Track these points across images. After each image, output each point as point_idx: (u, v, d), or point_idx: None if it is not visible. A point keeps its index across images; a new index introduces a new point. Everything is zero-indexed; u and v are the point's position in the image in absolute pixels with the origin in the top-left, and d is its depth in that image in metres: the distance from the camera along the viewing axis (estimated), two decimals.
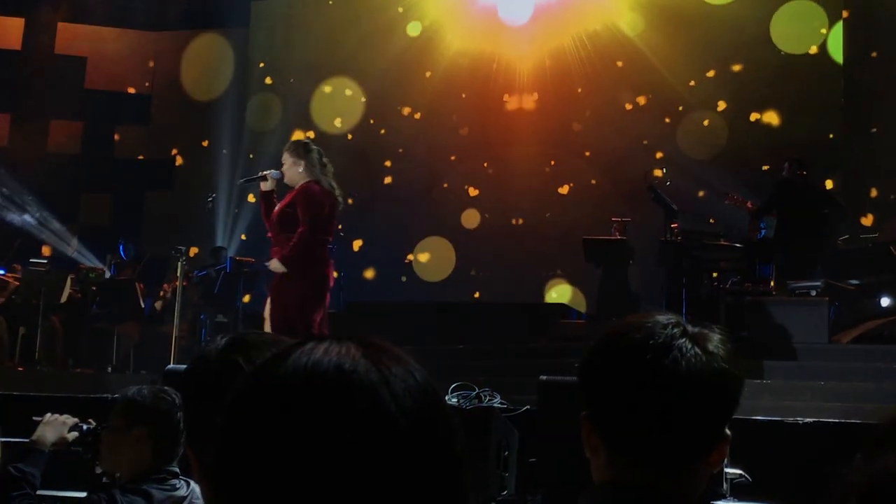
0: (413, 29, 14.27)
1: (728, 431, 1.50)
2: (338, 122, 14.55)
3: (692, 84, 13.20)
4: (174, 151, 15.44)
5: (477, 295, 13.52)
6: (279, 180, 7.14)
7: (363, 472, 0.85)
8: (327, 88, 14.58)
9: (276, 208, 7.07)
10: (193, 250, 7.52)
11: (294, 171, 7.04)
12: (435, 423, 0.90)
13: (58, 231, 14.51)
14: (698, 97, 13.20)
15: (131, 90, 15.90)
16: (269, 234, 7.22)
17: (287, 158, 7.10)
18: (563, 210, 13.36)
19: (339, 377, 0.88)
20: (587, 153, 13.58)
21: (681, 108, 13.32)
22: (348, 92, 14.44)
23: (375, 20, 14.36)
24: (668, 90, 13.25)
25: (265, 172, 7.16)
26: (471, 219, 13.90)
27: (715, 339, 1.51)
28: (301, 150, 7.09)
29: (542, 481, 5.07)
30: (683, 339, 1.48)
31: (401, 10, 14.28)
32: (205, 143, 15.00)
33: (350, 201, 13.88)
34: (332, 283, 7.26)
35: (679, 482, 1.49)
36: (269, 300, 7.07)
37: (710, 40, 13.16)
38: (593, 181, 13.44)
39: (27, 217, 14.39)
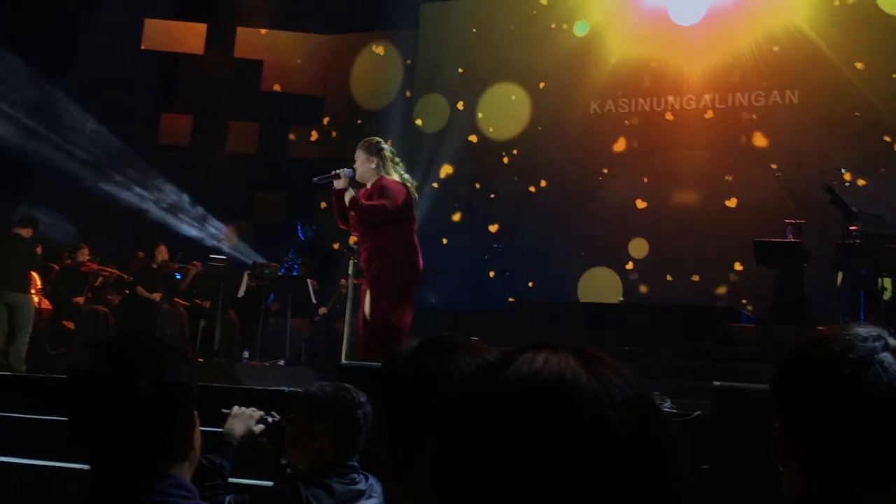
0: (579, 29, 14.10)
1: None
2: (502, 128, 14.44)
3: (877, 86, 12.47)
4: (341, 151, 15.78)
5: (644, 289, 13.25)
6: (351, 178, 7.32)
7: (585, 483, 0.85)
8: (493, 92, 14.53)
9: (368, 206, 7.20)
10: (353, 238, 7.76)
11: (367, 168, 7.25)
12: (655, 435, 0.90)
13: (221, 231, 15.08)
14: (882, 99, 12.45)
15: (304, 91, 16.36)
16: (355, 234, 7.42)
17: (360, 155, 7.32)
18: (733, 212, 12.92)
19: (560, 387, 0.89)
20: (760, 157, 13.05)
21: (858, 113, 12.58)
22: (513, 97, 14.34)
23: (541, 21, 14.29)
24: (849, 91, 12.59)
25: (338, 171, 7.34)
26: (639, 248, 13.34)
27: None
28: (373, 147, 7.30)
29: (715, 488, 4.95)
30: (885, 353, 1.42)
31: (565, 26, 14.14)
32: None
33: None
34: (421, 275, 7.42)
35: (880, 500, 1.43)
36: (367, 293, 7.22)
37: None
38: (766, 184, 12.89)
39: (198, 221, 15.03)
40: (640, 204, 13.43)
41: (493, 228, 13.82)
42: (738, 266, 12.51)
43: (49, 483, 5.92)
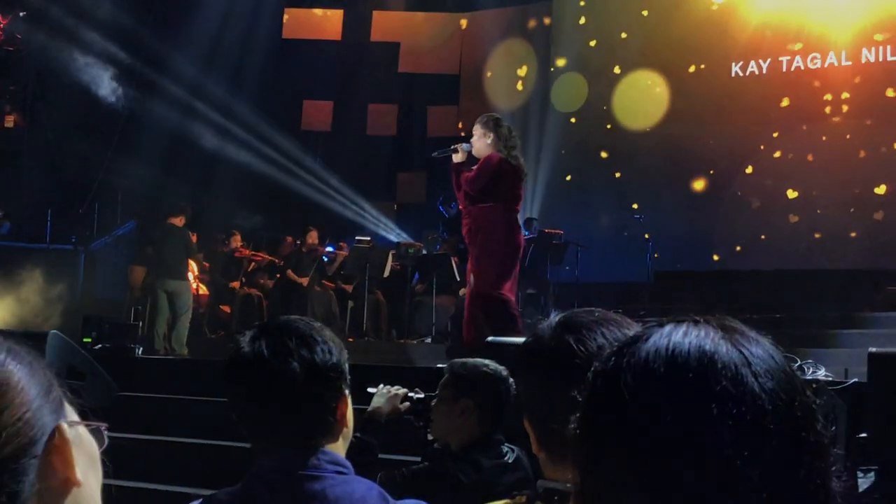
0: None
1: None
2: (639, 109, 14.09)
3: None
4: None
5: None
6: (469, 152, 7.44)
7: (728, 452, 0.85)
8: (628, 77, 14.10)
9: (464, 180, 7.36)
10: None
11: (482, 143, 7.36)
12: (797, 405, 0.90)
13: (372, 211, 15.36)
14: None
15: (441, 71, 16.45)
16: (461, 206, 7.53)
17: (477, 130, 7.43)
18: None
19: (700, 358, 0.90)
20: None
21: None
22: (648, 82, 13.94)
23: None
24: None
25: (456, 146, 7.49)
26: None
27: None
28: (491, 123, 7.40)
29: (876, 457, 4.81)
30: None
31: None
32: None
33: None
34: (521, 251, 7.55)
35: None
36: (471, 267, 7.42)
37: None
38: None
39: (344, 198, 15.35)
40: (791, 193, 12.82)
41: (634, 204, 13.54)
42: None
43: (211, 461, 6.19)
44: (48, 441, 0.97)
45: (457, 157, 7.48)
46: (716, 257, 13.18)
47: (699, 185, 13.27)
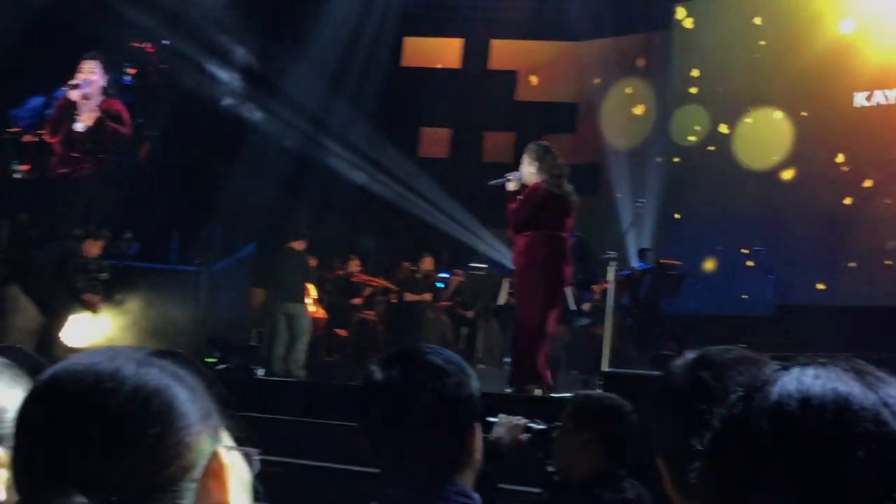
0: (845, 27, 13.22)
1: None
2: (757, 151, 13.72)
3: None
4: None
5: None
6: (521, 181, 7.59)
7: (877, 495, 0.84)
8: (747, 112, 13.78)
9: (509, 212, 7.57)
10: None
11: (528, 172, 7.52)
12: None
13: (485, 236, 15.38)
14: None
15: (558, 99, 16.43)
16: (508, 233, 7.82)
17: (525, 159, 7.58)
18: None
19: (836, 400, 0.87)
20: None
21: None
22: (767, 117, 13.55)
23: (799, 18, 13.61)
24: None
25: (509, 174, 7.65)
26: None
27: None
28: (540, 152, 7.54)
29: None
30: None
31: (829, 24, 13.31)
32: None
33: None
34: (568, 278, 7.71)
35: None
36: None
37: None
38: None
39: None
40: None
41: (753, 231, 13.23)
42: None
43: (329, 484, 6.27)
44: (206, 465, 1.01)
45: (510, 186, 7.64)
46: (823, 287, 12.77)
47: (822, 219, 12.90)
